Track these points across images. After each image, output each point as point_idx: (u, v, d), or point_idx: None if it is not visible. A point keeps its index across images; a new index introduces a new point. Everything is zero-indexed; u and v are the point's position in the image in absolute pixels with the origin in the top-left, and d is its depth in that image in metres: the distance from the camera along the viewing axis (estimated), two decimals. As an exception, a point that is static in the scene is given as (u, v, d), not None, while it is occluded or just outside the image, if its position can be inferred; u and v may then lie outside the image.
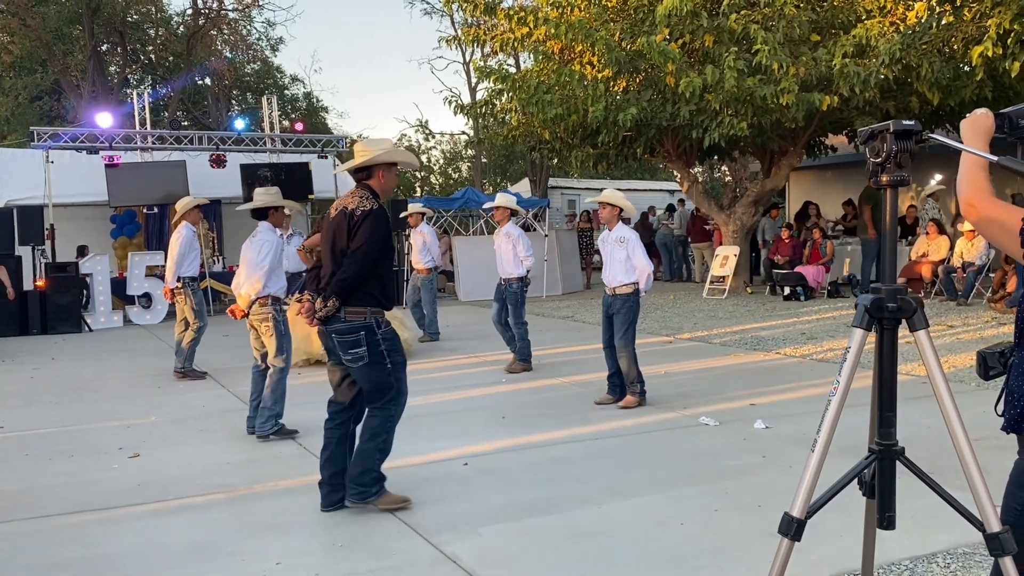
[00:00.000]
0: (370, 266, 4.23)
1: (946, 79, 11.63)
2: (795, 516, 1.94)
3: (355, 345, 4.21)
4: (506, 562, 3.69)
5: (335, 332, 4.26)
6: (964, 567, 3.44)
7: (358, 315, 4.24)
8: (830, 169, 19.09)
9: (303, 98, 34.55)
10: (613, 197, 6.68)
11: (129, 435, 6.23)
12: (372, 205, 4.29)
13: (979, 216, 1.91)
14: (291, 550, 3.90)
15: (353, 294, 4.22)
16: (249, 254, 6.08)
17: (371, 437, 4.29)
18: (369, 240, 4.20)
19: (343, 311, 4.23)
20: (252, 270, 6.03)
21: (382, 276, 4.34)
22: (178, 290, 8.35)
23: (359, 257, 4.20)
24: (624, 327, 6.51)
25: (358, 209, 4.26)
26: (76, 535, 4.20)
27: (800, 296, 13.81)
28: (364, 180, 4.41)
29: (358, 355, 4.22)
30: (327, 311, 4.21)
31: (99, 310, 13.45)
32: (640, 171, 31.06)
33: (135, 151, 15.14)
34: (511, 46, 14.84)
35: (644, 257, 6.58)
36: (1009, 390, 2.01)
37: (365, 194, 4.35)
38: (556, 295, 16.49)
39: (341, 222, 4.30)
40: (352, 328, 4.23)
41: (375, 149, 4.40)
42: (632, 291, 6.54)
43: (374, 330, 4.25)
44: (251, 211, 6.20)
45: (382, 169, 4.41)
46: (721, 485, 4.64)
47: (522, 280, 8.45)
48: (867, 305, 1.97)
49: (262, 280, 5.98)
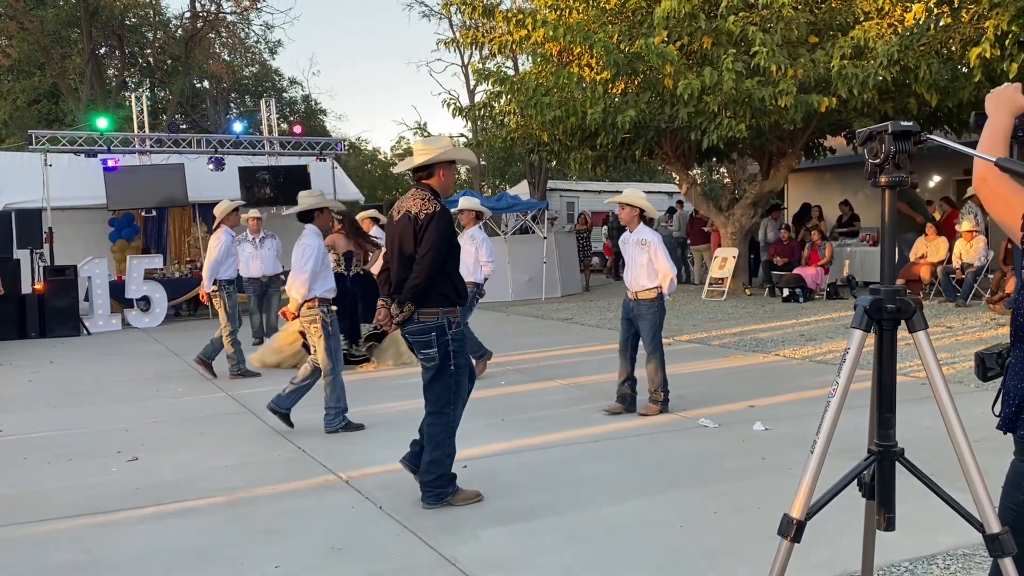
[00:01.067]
0: (439, 268, 4.30)
1: (944, 81, 11.65)
2: (795, 517, 1.94)
3: (427, 346, 4.33)
4: (505, 565, 3.69)
5: (409, 333, 4.40)
6: (964, 568, 3.44)
7: (431, 316, 4.33)
8: (829, 171, 19.10)
9: (301, 101, 34.57)
10: (632, 197, 6.45)
11: (127, 438, 6.22)
12: (435, 207, 4.34)
13: (989, 191, 1.93)
14: (290, 554, 3.89)
15: (426, 297, 4.32)
16: (295, 258, 6.18)
17: (436, 447, 4.40)
18: (436, 244, 4.27)
19: (417, 313, 4.32)
20: (296, 274, 6.11)
21: (451, 275, 4.41)
22: (214, 293, 8.45)
23: (428, 261, 4.26)
24: (651, 333, 6.35)
25: (422, 212, 4.31)
26: (74, 539, 4.19)
27: (799, 298, 13.82)
28: (424, 179, 4.45)
29: (430, 355, 4.35)
30: (404, 316, 4.33)
31: (97, 313, 13.44)
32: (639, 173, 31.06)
33: (133, 154, 15.14)
34: (509, 48, 14.85)
35: (667, 260, 6.33)
36: (1006, 390, 2.01)
37: (427, 195, 4.39)
38: (555, 297, 16.49)
39: (406, 226, 4.35)
40: (424, 329, 4.34)
41: (436, 147, 4.43)
42: (656, 296, 6.34)
43: (444, 331, 4.35)
44: (297, 214, 6.26)
45: (443, 168, 4.46)
46: (720, 487, 4.64)
47: (478, 286, 8.20)
48: (866, 306, 1.97)
49: (306, 284, 6.06)
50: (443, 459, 4.40)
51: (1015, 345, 2.00)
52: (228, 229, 8.61)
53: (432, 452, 4.41)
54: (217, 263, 8.42)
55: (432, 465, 4.40)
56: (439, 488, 4.40)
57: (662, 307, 6.42)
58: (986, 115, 2.05)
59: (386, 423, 6.36)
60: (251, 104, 30.56)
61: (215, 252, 8.44)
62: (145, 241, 16.35)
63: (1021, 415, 1.95)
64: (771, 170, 15.56)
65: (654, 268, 6.34)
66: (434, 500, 4.40)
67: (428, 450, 4.43)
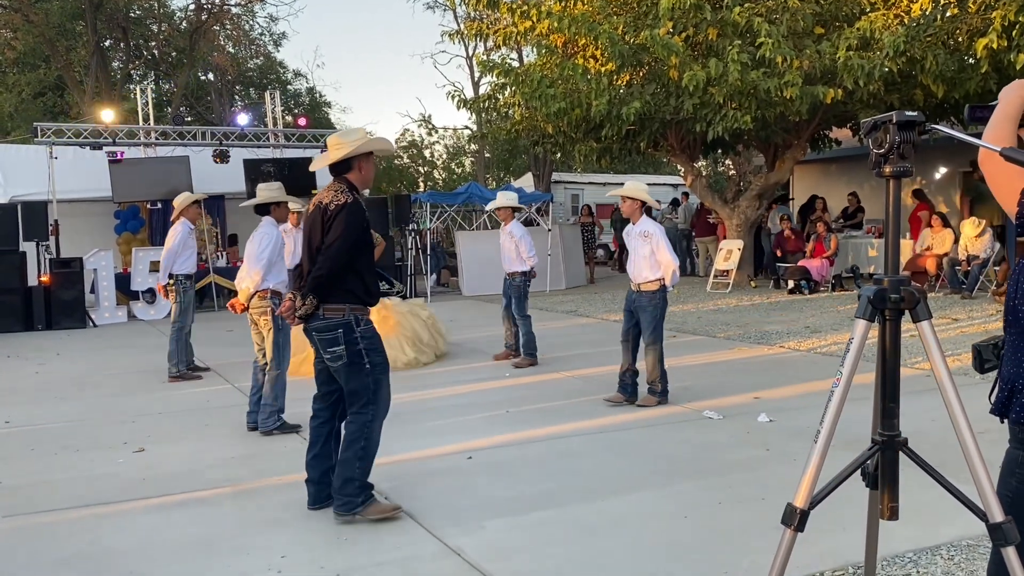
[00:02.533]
0: (345, 261, 4.11)
1: (951, 72, 11.60)
2: (798, 507, 1.94)
3: (333, 343, 4.12)
4: (510, 555, 3.70)
5: (314, 330, 4.18)
6: (968, 559, 3.44)
7: (336, 312, 4.14)
8: (834, 162, 19.04)
9: (306, 93, 34.54)
10: (633, 190, 6.48)
11: (134, 430, 6.25)
12: (347, 199, 4.16)
13: (992, 166, 1.94)
14: (296, 544, 3.91)
15: (331, 291, 4.13)
16: (250, 249, 6.11)
17: (349, 444, 4.14)
18: (343, 235, 4.08)
19: (322, 309, 4.14)
20: (251, 264, 6.04)
21: (361, 272, 4.21)
22: (169, 287, 8.24)
23: (333, 253, 4.08)
24: (652, 325, 6.36)
25: (332, 203, 4.15)
26: (80, 530, 4.21)
27: (804, 290, 13.80)
28: (343, 173, 4.29)
29: (336, 354, 4.13)
30: (305, 309, 4.12)
31: (103, 305, 13.48)
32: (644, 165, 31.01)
33: (138, 147, 15.16)
34: (514, 40, 14.82)
35: (669, 252, 6.35)
36: (1000, 377, 2.02)
37: (341, 187, 4.23)
38: (559, 289, 16.49)
39: (316, 218, 4.20)
40: (330, 326, 4.13)
41: (350, 141, 4.27)
42: (658, 287, 6.34)
43: (352, 328, 4.13)
44: (254, 207, 6.22)
45: (360, 160, 4.30)
46: (724, 479, 4.64)
47: (525, 274, 8.44)
48: (870, 296, 1.97)
49: (261, 273, 5.98)
50: (352, 460, 4.10)
51: (1008, 331, 2.01)
52: (187, 221, 8.28)
53: (343, 451, 4.16)
54: (172, 254, 8.14)
55: (342, 467, 4.13)
56: (347, 496, 4.09)
57: (664, 299, 6.41)
58: (981, 107, 2.06)
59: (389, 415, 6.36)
60: (256, 96, 30.56)
61: (171, 244, 8.17)
62: (151, 233, 16.38)
63: (1013, 400, 1.96)
64: (776, 162, 15.52)
65: (656, 260, 6.34)
66: (343, 510, 4.11)
67: (341, 449, 4.20)
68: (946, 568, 3.38)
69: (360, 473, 4.13)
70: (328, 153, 4.33)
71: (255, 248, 6.05)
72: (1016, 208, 1.92)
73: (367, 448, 4.16)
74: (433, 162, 38.44)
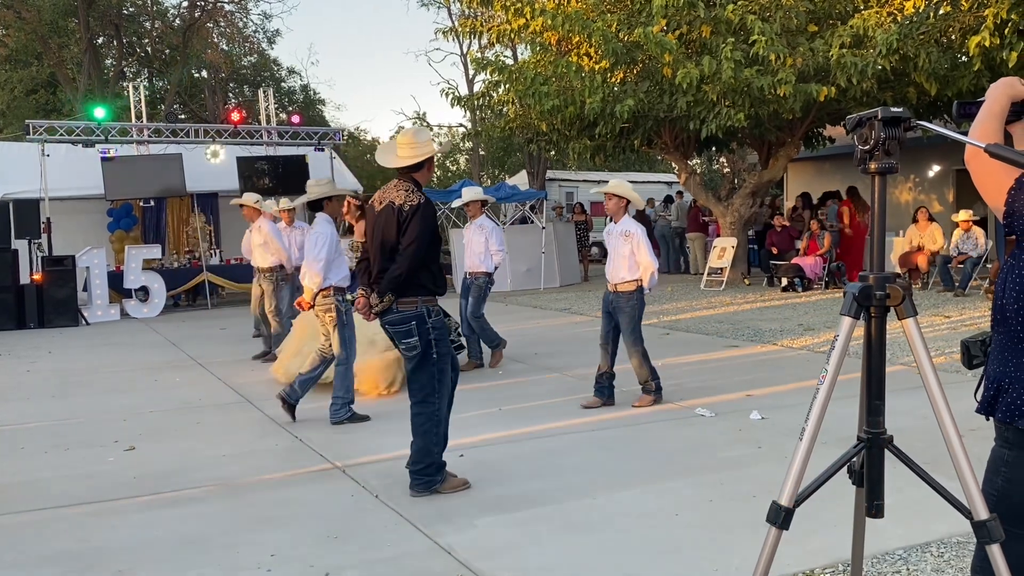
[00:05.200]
0: (421, 260, 4.32)
1: (943, 69, 11.62)
2: (783, 505, 1.94)
3: (408, 335, 4.34)
4: (501, 553, 3.69)
5: (389, 323, 4.40)
6: (958, 556, 3.44)
7: (410, 305, 4.35)
8: (828, 160, 19.08)
9: (300, 91, 34.47)
10: (619, 188, 6.35)
11: (125, 428, 6.23)
12: (420, 199, 4.35)
13: (979, 164, 1.94)
14: (286, 542, 3.90)
15: (406, 287, 4.33)
16: (307, 247, 6.17)
17: (424, 435, 4.41)
18: (420, 235, 4.29)
19: (396, 303, 4.34)
20: (310, 263, 6.10)
21: (431, 266, 4.42)
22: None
23: (411, 252, 4.28)
24: (631, 326, 6.23)
25: (406, 204, 4.32)
26: (70, 528, 4.20)
27: (798, 287, 13.82)
28: (411, 172, 4.45)
29: (411, 344, 4.36)
30: (383, 306, 4.33)
31: (96, 303, 13.44)
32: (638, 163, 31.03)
33: (131, 144, 15.11)
34: (508, 37, 14.80)
35: (649, 253, 6.20)
36: (986, 374, 2.03)
37: (410, 187, 4.40)
38: (554, 287, 16.49)
39: (390, 217, 4.35)
40: (404, 318, 4.35)
41: (424, 142, 4.45)
42: (635, 288, 6.20)
43: (425, 319, 4.36)
44: (307, 204, 6.26)
45: (429, 162, 4.49)
46: (716, 476, 4.64)
47: (489, 275, 8.14)
48: (855, 293, 1.97)
49: (321, 273, 6.05)
50: (430, 447, 4.42)
51: (995, 329, 2.02)
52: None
53: (419, 441, 4.43)
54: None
55: (420, 454, 4.43)
56: (427, 476, 4.42)
57: (642, 300, 6.28)
58: (969, 104, 2.07)
59: (384, 413, 6.37)
60: (249, 94, 30.48)
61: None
62: (144, 231, 16.34)
63: (999, 399, 1.96)
64: (770, 160, 15.55)
65: (636, 260, 6.21)
66: (422, 488, 4.42)
67: (416, 439, 4.45)
68: (936, 565, 3.39)
69: (438, 455, 4.46)
70: (399, 150, 4.43)
71: (312, 248, 6.10)
72: (1003, 207, 1.92)
73: (439, 433, 4.46)
74: (427, 160, 38.31)
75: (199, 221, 15.98)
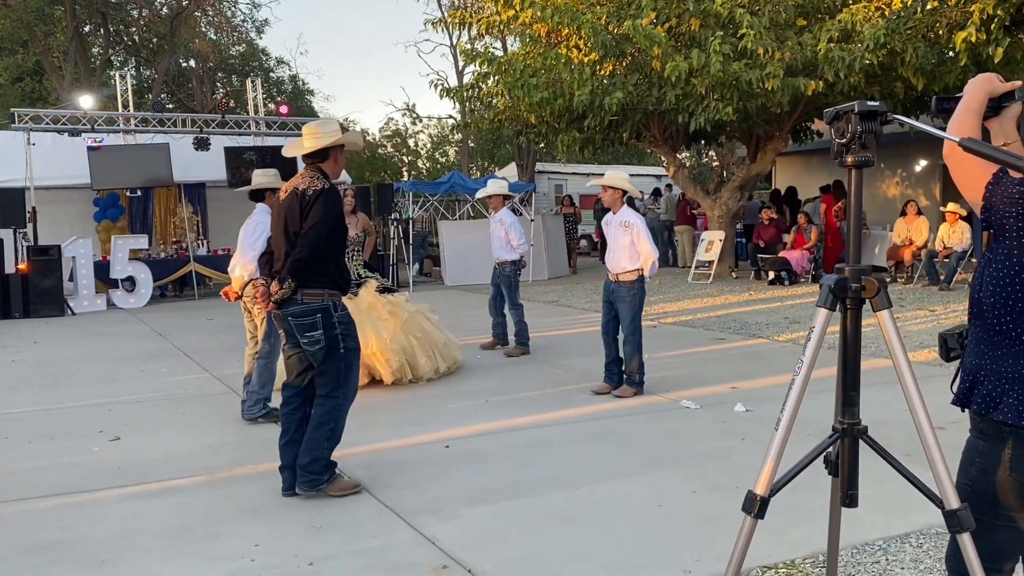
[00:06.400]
0: (324, 245, 4.19)
1: (930, 64, 11.68)
2: (758, 494, 1.96)
3: (311, 328, 4.18)
4: (485, 543, 3.71)
5: (291, 315, 4.23)
6: (937, 547, 3.49)
7: (315, 297, 4.20)
8: (816, 154, 19.15)
9: (288, 81, 34.33)
10: (615, 180, 6.45)
11: (110, 418, 6.21)
12: (324, 185, 4.24)
13: (957, 158, 1.96)
14: (270, 532, 3.90)
15: (309, 276, 4.18)
16: (243, 236, 5.99)
17: (319, 425, 4.27)
18: (322, 219, 4.16)
19: (300, 293, 4.19)
20: (245, 252, 5.92)
21: (336, 257, 4.31)
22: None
23: (313, 236, 4.15)
24: (630, 316, 6.35)
25: (309, 189, 4.21)
26: (54, 518, 4.19)
27: (784, 281, 13.89)
28: (317, 163, 4.36)
29: (315, 338, 4.19)
30: (283, 293, 4.17)
31: (82, 293, 13.37)
32: (627, 156, 31.04)
33: (118, 133, 15.01)
34: (497, 29, 14.79)
35: (649, 243, 6.33)
36: (962, 367, 2.06)
37: (315, 174, 4.29)
38: (542, 279, 16.51)
39: (293, 203, 4.24)
40: (309, 310, 4.19)
41: (328, 132, 4.36)
42: (636, 278, 6.32)
43: (331, 313, 4.23)
44: (249, 192, 6.14)
45: (336, 151, 4.39)
46: (700, 467, 4.68)
47: (515, 264, 8.43)
48: (831, 285, 1.99)
49: (255, 263, 5.83)
50: (321, 440, 4.25)
51: (972, 322, 2.04)
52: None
53: (312, 432, 4.27)
54: None
55: (309, 445, 4.25)
56: (312, 474, 4.23)
57: (642, 289, 6.41)
58: (947, 99, 2.09)
59: (369, 404, 6.37)
60: (237, 84, 30.32)
61: None
62: (130, 221, 16.26)
63: (975, 391, 1.99)
64: (758, 153, 15.59)
65: (636, 250, 6.32)
66: (308, 486, 4.24)
67: (309, 429, 4.30)
68: (915, 555, 3.43)
69: (327, 452, 4.29)
70: (303, 141, 4.37)
71: (248, 236, 5.93)
72: (981, 201, 1.94)
73: (335, 430, 4.32)
74: (417, 151, 38.32)
75: (186, 211, 15.91)
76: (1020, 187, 1.90)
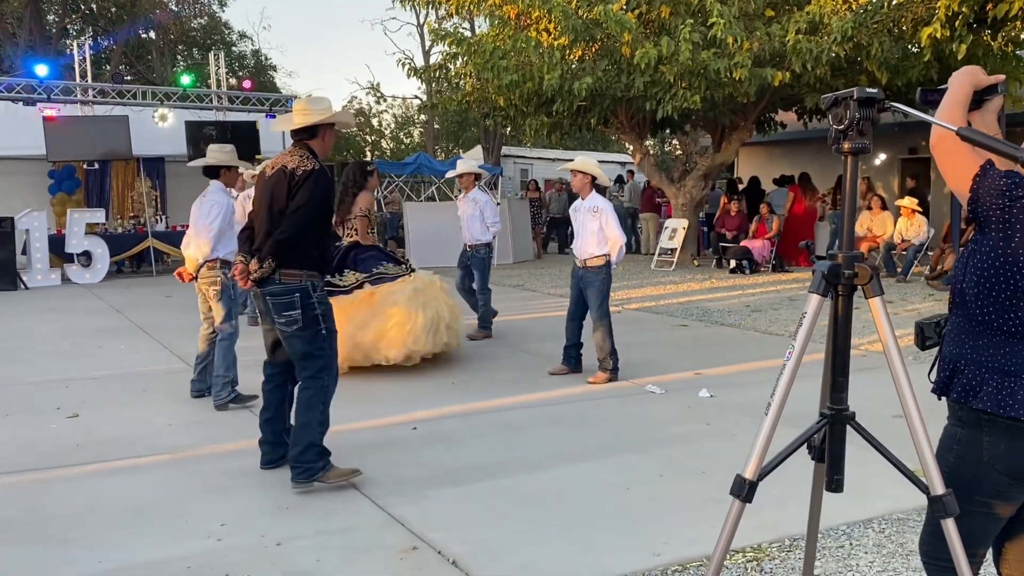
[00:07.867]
0: (308, 227, 4.08)
1: (895, 59, 11.84)
2: (747, 478, 1.97)
3: (289, 307, 4.08)
4: (453, 525, 3.70)
5: (269, 294, 4.13)
6: (898, 532, 3.56)
7: (294, 277, 4.09)
8: (779, 145, 19.37)
9: (251, 56, 33.73)
10: (585, 165, 6.43)
11: (67, 395, 6.08)
12: (314, 165, 4.14)
13: (945, 148, 1.98)
14: (236, 512, 3.85)
15: (290, 255, 4.08)
16: (197, 215, 5.76)
17: (309, 408, 4.13)
18: (310, 200, 4.05)
19: (278, 273, 4.08)
20: (200, 232, 5.71)
21: (320, 239, 4.20)
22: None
23: (299, 217, 4.04)
24: (599, 301, 6.36)
25: (299, 168, 4.10)
26: (11, 496, 4.09)
27: (745, 270, 14.04)
28: (306, 140, 4.24)
29: (292, 318, 4.09)
30: (263, 272, 4.06)
31: (36, 267, 13.05)
32: (593, 142, 31.09)
33: (75, 104, 14.63)
34: (466, 9, 14.65)
35: (618, 228, 6.31)
36: (942, 356, 2.09)
37: (305, 154, 4.18)
38: (507, 263, 16.49)
39: (280, 181, 4.12)
40: (287, 290, 4.09)
41: (319, 109, 4.24)
42: (604, 263, 6.33)
43: (309, 293, 4.11)
44: (203, 169, 5.95)
45: (326, 130, 4.28)
46: (666, 451, 4.71)
47: (488, 246, 8.39)
48: (824, 271, 2.00)
49: (211, 243, 5.68)
50: (313, 424, 4.11)
51: (953, 312, 2.08)
52: None
53: (301, 417, 4.13)
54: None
55: (301, 433, 4.10)
56: (307, 463, 4.07)
57: (609, 275, 6.42)
58: (931, 91, 2.10)
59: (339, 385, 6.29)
60: (199, 57, 29.72)
61: None
62: (87, 195, 15.87)
63: (955, 379, 2.02)
64: (723, 143, 15.70)
65: (604, 236, 6.33)
66: (303, 477, 4.08)
67: (298, 416, 4.16)
68: (877, 540, 3.50)
69: (320, 438, 4.15)
70: (293, 116, 4.27)
71: (204, 216, 5.71)
72: (968, 192, 1.96)
73: (325, 413, 4.19)
74: (381, 131, 37.96)
75: (145, 186, 15.58)
76: (1006, 179, 1.91)
